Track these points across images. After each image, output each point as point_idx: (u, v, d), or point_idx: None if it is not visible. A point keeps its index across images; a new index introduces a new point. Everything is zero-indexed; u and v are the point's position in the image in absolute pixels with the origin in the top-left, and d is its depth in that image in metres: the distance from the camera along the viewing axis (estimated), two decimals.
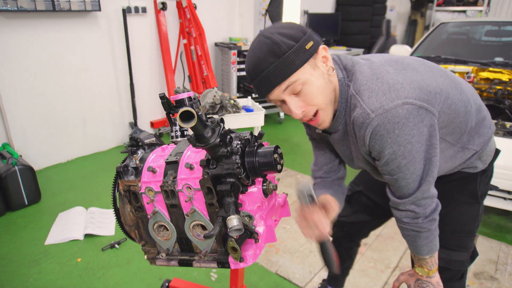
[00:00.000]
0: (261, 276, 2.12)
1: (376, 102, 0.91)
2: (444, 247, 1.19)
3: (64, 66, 3.40)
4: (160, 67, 4.18)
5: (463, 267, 1.27)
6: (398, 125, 0.90)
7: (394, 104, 0.90)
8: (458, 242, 1.24)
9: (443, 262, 1.22)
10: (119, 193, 1.12)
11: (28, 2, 2.94)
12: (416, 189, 0.99)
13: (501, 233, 2.57)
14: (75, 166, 3.57)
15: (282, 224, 2.61)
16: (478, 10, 6.10)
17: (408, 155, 0.94)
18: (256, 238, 0.96)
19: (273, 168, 0.91)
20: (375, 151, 0.97)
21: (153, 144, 1.17)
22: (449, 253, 1.23)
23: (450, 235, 1.22)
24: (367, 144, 0.97)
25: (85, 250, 2.33)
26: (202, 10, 4.26)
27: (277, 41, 0.90)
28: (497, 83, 3.10)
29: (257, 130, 3.33)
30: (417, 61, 1.04)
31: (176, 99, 1.14)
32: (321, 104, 0.98)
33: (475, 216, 1.23)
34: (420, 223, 1.03)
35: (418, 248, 1.09)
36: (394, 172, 0.98)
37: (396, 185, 1.01)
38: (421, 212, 1.02)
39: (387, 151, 0.94)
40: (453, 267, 1.25)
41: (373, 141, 0.94)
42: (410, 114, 0.90)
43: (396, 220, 1.10)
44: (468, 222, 1.23)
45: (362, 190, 1.49)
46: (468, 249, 1.25)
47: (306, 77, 0.93)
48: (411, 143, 0.92)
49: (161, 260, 1.13)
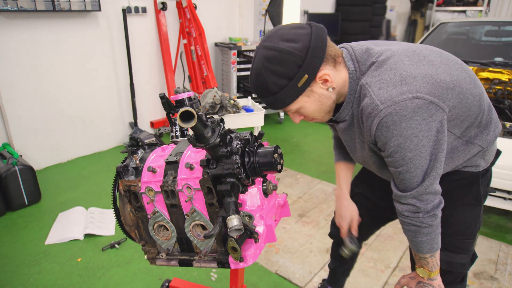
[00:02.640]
0: (261, 276, 2.12)
1: (386, 94, 0.92)
2: (446, 249, 1.18)
3: (64, 66, 3.40)
4: (160, 67, 4.18)
5: (464, 270, 1.26)
6: (406, 118, 0.90)
7: (404, 97, 0.90)
8: (460, 244, 1.22)
9: (445, 265, 1.22)
10: (119, 193, 1.12)
11: (28, 2, 2.94)
12: (419, 183, 0.99)
13: (501, 233, 2.57)
14: (75, 166, 3.57)
15: (282, 224, 2.62)
16: (478, 10, 6.10)
17: (414, 148, 0.93)
18: (256, 238, 0.96)
19: (273, 168, 0.91)
20: (381, 141, 0.97)
21: (153, 144, 1.17)
22: (451, 256, 1.22)
23: (453, 237, 1.21)
24: (373, 135, 0.97)
25: (85, 250, 2.33)
26: (202, 10, 4.26)
27: (270, 79, 0.94)
28: (497, 83, 3.11)
29: (257, 130, 3.33)
30: (434, 53, 1.03)
31: (176, 99, 1.14)
32: (318, 117, 1.07)
33: (476, 218, 1.22)
34: (421, 218, 1.02)
35: (418, 245, 1.08)
36: (399, 164, 0.98)
37: (400, 177, 1.01)
38: (423, 207, 1.01)
39: (392, 143, 0.94)
40: (454, 269, 1.24)
41: (379, 132, 0.95)
42: (419, 108, 0.90)
43: (397, 213, 1.10)
44: (471, 224, 1.22)
45: (362, 191, 1.48)
46: (470, 251, 1.25)
47: (300, 105, 1.00)
48: (418, 137, 0.92)
49: (161, 260, 1.13)
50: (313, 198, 2.99)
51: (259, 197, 1.00)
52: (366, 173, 1.45)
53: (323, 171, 3.43)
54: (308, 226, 2.61)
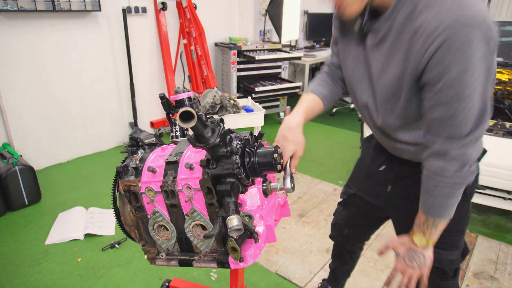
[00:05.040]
0: (261, 276, 2.13)
1: (460, 12, 0.78)
2: (436, 246, 1.16)
3: (64, 66, 3.40)
4: (160, 67, 4.18)
5: (454, 265, 1.26)
6: (474, 45, 0.78)
7: (479, 23, 0.78)
8: (448, 240, 1.21)
9: (435, 262, 1.21)
10: (119, 193, 1.12)
11: (28, 2, 2.94)
12: (475, 127, 0.86)
13: (500, 233, 2.57)
14: (75, 166, 3.57)
15: (282, 224, 2.62)
16: None
17: (474, 82, 0.81)
18: (256, 238, 0.96)
19: (273, 168, 0.91)
20: (437, 69, 0.82)
21: (153, 144, 1.17)
22: (440, 252, 1.21)
23: (441, 234, 1.21)
24: (427, 59, 0.83)
25: (85, 250, 2.33)
26: (202, 10, 4.26)
27: None
28: (496, 83, 3.11)
29: (257, 130, 3.33)
30: None
31: (176, 99, 1.14)
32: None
33: (464, 214, 1.21)
34: (464, 173, 0.90)
35: (444, 207, 0.96)
36: (453, 100, 0.84)
37: (451, 120, 0.86)
38: (471, 157, 0.88)
39: (454, 71, 0.80)
40: (444, 265, 1.24)
41: (441, 54, 0.80)
42: (489, 40, 0.79)
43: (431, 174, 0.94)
44: (458, 221, 1.20)
45: (355, 192, 1.45)
46: (459, 248, 1.24)
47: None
48: (480, 71, 0.81)
49: (161, 260, 1.13)
50: (313, 198, 2.99)
51: (259, 197, 1.00)
52: (358, 173, 1.45)
53: (323, 171, 3.43)
54: (308, 226, 2.61)
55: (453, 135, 0.88)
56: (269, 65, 4.74)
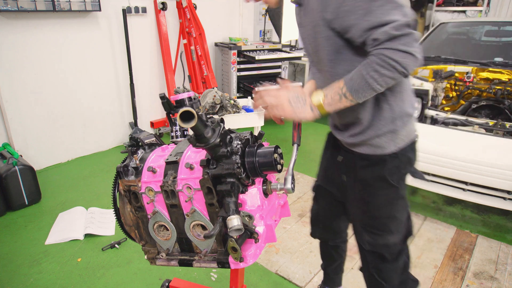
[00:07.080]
0: (261, 276, 2.13)
1: None
2: (368, 231, 1.22)
3: (64, 66, 3.41)
4: (160, 67, 4.18)
5: (392, 250, 1.29)
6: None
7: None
8: (379, 225, 1.26)
9: (370, 246, 1.27)
10: (119, 193, 1.12)
11: (28, 2, 2.95)
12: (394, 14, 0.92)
13: (500, 233, 2.57)
14: (75, 166, 3.57)
15: (282, 224, 2.62)
16: (478, 10, 6.09)
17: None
18: (256, 238, 0.96)
19: (273, 168, 0.91)
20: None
21: (153, 144, 1.17)
22: (374, 237, 1.26)
23: (372, 220, 1.25)
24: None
25: (85, 250, 2.33)
26: (202, 10, 4.26)
27: None
28: (496, 83, 3.11)
29: (257, 130, 3.33)
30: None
31: (176, 99, 1.14)
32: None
33: (392, 199, 1.23)
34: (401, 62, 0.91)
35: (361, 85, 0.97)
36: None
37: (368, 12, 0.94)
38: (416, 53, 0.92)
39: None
40: (380, 250, 1.28)
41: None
42: None
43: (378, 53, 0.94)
44: (383, 206, 1.24)
45: (320, 184, 1.52)
46: (393, 233, 1.27)
47: None
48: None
49: (161, 260, 1.13)
50: None
51: (259, 197, 1.00)
52: (322, 164, 1.52)
53: None
54: (308, 226, 2.61)
55: (379, 23, 0.92)
56: (269, 65, 4.74)
